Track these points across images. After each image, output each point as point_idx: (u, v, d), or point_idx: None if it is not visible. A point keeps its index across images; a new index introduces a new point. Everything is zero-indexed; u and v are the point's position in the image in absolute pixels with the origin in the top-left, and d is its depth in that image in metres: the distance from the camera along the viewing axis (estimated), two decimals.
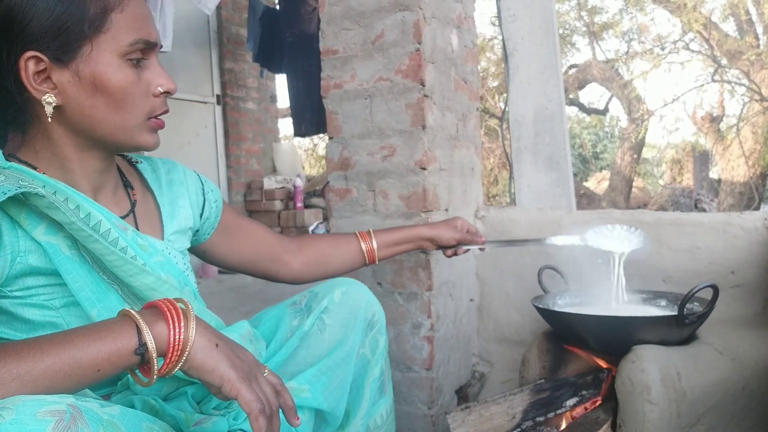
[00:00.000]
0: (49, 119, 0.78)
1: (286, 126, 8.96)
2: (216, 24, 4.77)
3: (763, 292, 1.43)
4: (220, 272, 3.99)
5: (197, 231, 1.04)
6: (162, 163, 1.02)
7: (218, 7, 4.10)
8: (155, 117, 0.85)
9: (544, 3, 2.30)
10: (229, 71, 4.85)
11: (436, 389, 1.47)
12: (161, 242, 0.91)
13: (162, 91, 0.84)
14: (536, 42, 2.29)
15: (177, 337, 0.66)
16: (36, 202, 0.73)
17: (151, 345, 0.64)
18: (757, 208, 6.93)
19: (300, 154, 7.43)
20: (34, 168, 0.80)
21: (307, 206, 4.89)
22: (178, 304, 0.69)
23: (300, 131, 3.81)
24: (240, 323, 0.99)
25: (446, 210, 1.53)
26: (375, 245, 1.20)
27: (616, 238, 1.32)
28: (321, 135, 5.02)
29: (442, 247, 1.28)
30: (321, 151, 10.76)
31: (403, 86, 1.41)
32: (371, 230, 1.23)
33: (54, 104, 0.78)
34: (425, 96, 1.40)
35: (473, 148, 1.76)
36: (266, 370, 0.76)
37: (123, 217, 0.88)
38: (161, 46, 0.85)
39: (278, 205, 4.82)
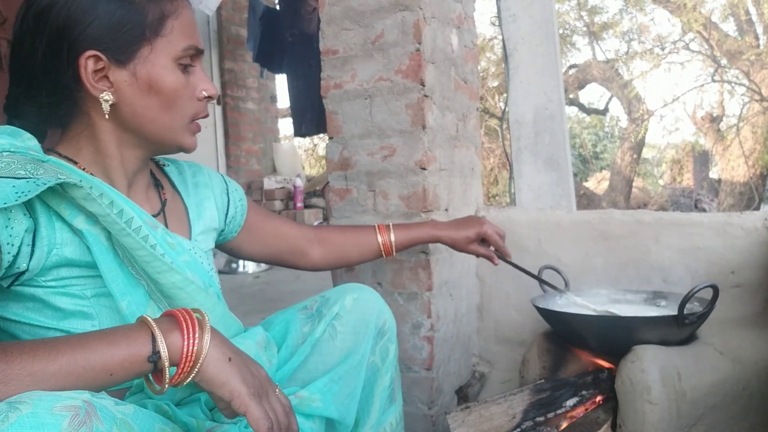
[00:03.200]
0: (106, 116, 0.82)
1: (286, 126, 8.96)
2: (216, 24, 4.77)
3: (764, 292, 1.43)
4: (220, 272, 3.99)
5: (222, 231, 1.07)
6: (188, 166, 1.05)
7: (218, 7, 4.10)
8: (196, 120, 0.90)
9: (544, 3, 2.30)
10: (229, 71, 4.84)
11: (436, 389, 1.47)
12: (188, 242, 0.93)
13: (206, 95, 0.89)
14: (536, 42, 2.29)
15: (190, 348, 0.66)
16: (73, 194, 0.74)
17: (164, 353, 0.65)
18: (757, 208, 6.93)
19: (300, 154, 7.43)
20: (74, 163, 0.83)
21: (307, 206, 4.89)
22: (195, 315, 0.70)
23: (300, 131, 3.81)
24: (255, 329, 1.01)
25: (446, 210, 1.53)
26: (392, 239, 1.24)
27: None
28: (321, 135, 5.02)
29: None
30: (321, 151, 10.76)
31: (403, 86, 1.41)
32: (391, 225, 1.25)
33: (110, 102, 0.81)
34: (425, 96, 1.40)
35: (473, 148, 1.76)
36: (278, 389, 0.75)
37: (154, 216, 0.90)
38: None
39: (278, 205, 4.82)
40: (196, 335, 0.67)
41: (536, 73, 2.29)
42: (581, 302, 1.38)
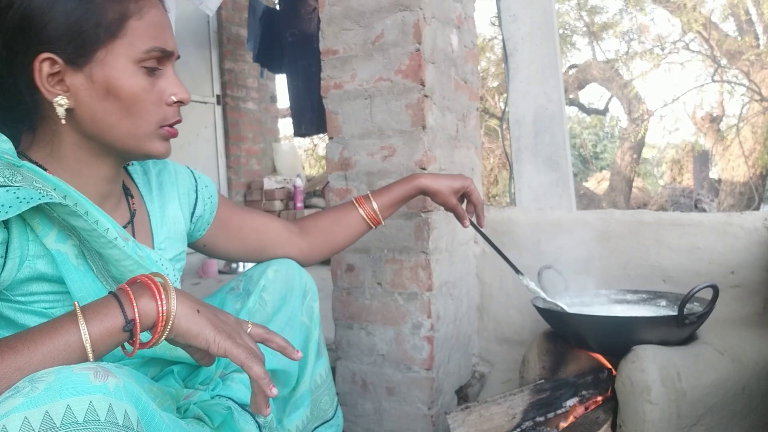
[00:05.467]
0: (63, 121, 0.79)
1: (286, 126, 8.96)
2: (216, 24, 4.77)
3: (763, 292, 1.43)
4: (220, 272, 3.99)
5: (190, 231, 1.05)
6: (153, 164, 1.01)
7: (218, 7, 4.11)
8: (168, 126, 0.85)
9: (544, 3, 2.30)
10: (229, 71, 4.85)
11: (436, 389, 1.47)
12: (154, 252, 0.91)
13: (175, 100, 0.84)
14: (536, 42, 2.29)
15: (162, 309, 0.69)
16: (57, 210, 0.73)
17: (139, 321, 0.67)
18: (757, 208, 6.93)
19: (300, 154, 7.43)
20: (45, 169, 0.80)
21: (307, 206, 4.89)
22: (156, 278, 0.71)
23: (300, 131, 3.81)
24: None
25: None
26: (376, 207, 1.19)
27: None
28: (321, 135, 5.02)
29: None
30: (321, 151, 10.77)
31: (403, 86, 1.41)
32: (369, 193, 1.20)
33: (66, 107, 0.78)
34: (425, 96, 1.40)
35: (473, 148, 1.76)
36: (250, 325, 0.79)
37: (124, 227, 0.88)
38: (179, 56, 0.85)
39: (278, 205, 4.82)
40: (163, 296, 0.69)
41: (536, 73, 2.29)
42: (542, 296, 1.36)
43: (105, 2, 0.77)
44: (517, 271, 1.32)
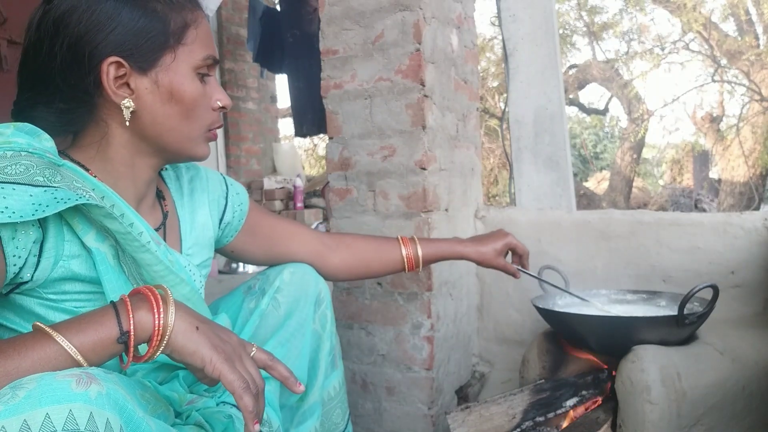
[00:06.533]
0: (127, 123, 0.81)
1: (286, 126, 8.96)
2: (216, 24, 4.77)
3: (763, 292, 1.43)
4: (220, 272, 3.99)
5: (218, 238, 1.06)
6: (186, 170, 1.03)
7: (218, 7, 4.11)
8: (212, 130, 0.90)
9: (544, 3, 2.30)
10: (229, 71, 4.84)
11: (436, 389, 1.47)
12: (182, 257, 0.93)
13: (221, 105, 0.90)
14: (536, 42, 2.29)
15: (158, 323, 0.67)
16: (93, 212, 0.74)
17: (133, 333, 0.66)
18: (757, 208, 6.93)
19: (300, 154, 7.43)
20: (86, 170, 0.82)
21: (307, 206, 4.89)
22: (158, 290, 0.71)
23: (301, 132, 3.81)
24: (219, 317, 1.05)
25: (446, 210, 1.53)
26: (420, 253, 1.20)
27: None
28: (321, 135, 5.03)
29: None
30: (321, 151, 10.76)
31: (403, 86, 1.41)
32: (416, 238, 1.22)
33: (131, 109, 0.81)
34: (425, 96, 1.40)
35: (473, 148, 1.76)
36: (254, 348, 0.77)
37: (156, 230, 0.90)
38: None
39: (278, 205, 4.82)
40: (161, 309, 0.68)
41: (536, 73, 2.29)
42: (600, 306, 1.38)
43: (168, 11, 0.82)
44: (584, 299, 1.38)
